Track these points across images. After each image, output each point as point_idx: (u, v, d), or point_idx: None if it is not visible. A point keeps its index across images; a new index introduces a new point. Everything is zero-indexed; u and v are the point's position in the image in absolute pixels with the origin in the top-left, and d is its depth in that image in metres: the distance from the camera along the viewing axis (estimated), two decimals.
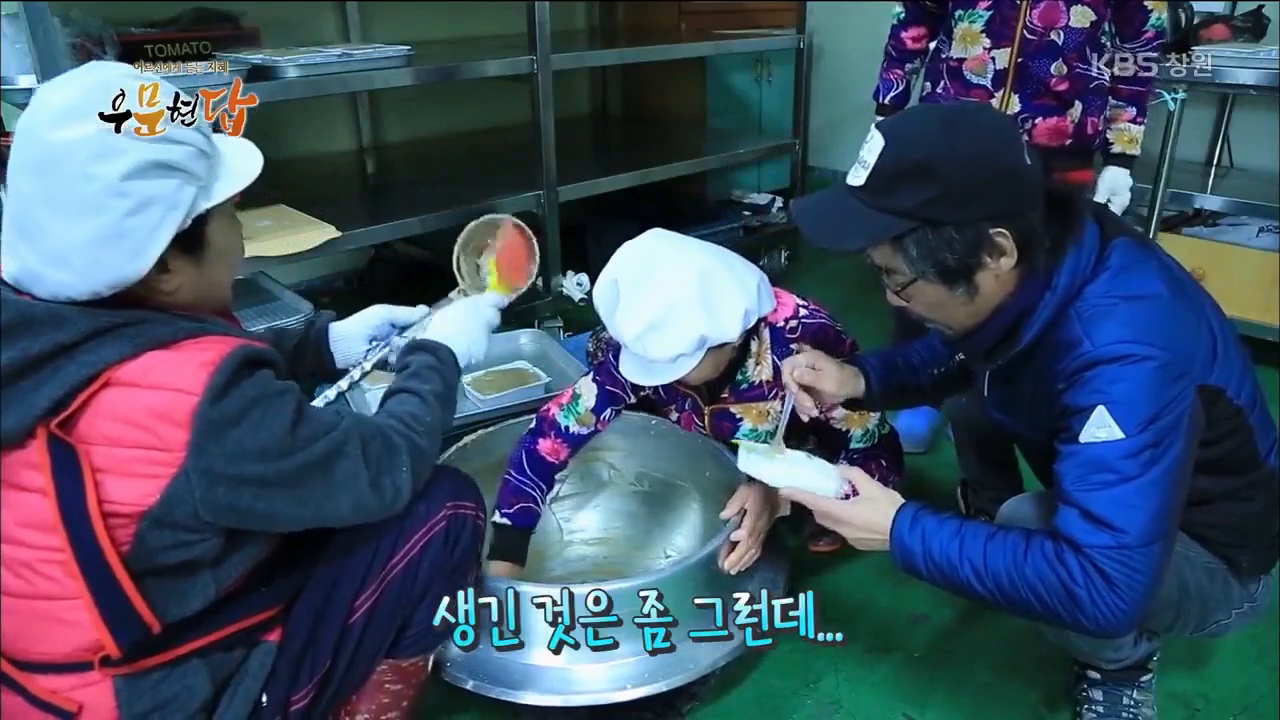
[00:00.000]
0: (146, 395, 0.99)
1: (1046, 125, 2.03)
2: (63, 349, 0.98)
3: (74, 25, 2.26)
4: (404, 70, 2.54)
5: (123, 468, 0.99)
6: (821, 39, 4.07)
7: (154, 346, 1.01)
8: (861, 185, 1.18)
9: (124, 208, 0.98)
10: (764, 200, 3.85)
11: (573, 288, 2.93)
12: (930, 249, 1.17)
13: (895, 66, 2.29)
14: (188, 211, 1.04)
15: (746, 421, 1.78)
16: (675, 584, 1.54)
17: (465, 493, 1.35)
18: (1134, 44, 2.02)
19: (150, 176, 1.00)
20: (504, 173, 3.06)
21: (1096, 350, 1.14)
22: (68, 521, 0.98)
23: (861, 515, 1.30)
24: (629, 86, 4.37)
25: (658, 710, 1.59)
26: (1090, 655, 1.47)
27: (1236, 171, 3.21)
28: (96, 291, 1.01)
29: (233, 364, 1.02)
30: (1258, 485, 1.30)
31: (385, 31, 3.41)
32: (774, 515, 1.66)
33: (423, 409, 1.26)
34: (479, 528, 1.37)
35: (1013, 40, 1.99)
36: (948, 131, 1.15)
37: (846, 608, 1.89)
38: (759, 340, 1.70)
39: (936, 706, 1.65)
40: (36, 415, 0.98)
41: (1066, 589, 1.13)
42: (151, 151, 1.00)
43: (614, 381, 1.77)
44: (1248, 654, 1.73)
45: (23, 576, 1.03)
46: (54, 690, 1.06)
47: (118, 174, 0.97)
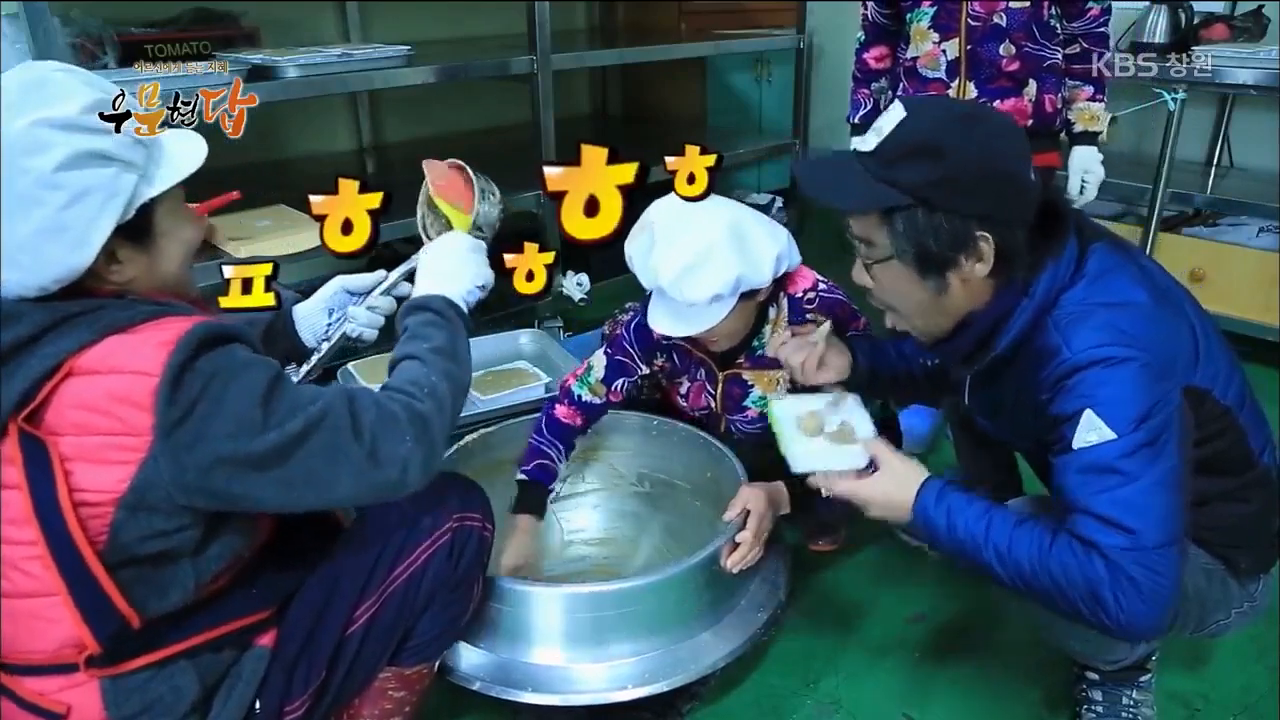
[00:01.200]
0: (107, 380, 0.98)
1: (1005, 107, 2.06)
2: (23, 344, 0.98)
3: (74, 25, 2.26)
4: (404, 70, 2.54)
5: (92, 455, 0.99)
6: (821, 39, 4.06)
7: (112, 331, 1.00)
8: (870, 151, 1.19)
9: (59, 200, 0.98)
10: (764, 200, 3.85)
11: (573, 288, 2.93)
12: (917, 230, 1.17)
13: (862, 87, 2.36)
14: (128, 200, 1.03)
15: (757, 389, 1.82)
16: (677, 584, 1.54)
17: (472, 503, 1.33)
18: (1079, 23, 2.06)
19: (84, 166, 0.99)
20: (504, 173, 3.04)
21: (1075, 356, 1.15)
22: (40, 514, 0.97)
23: (880, 490, 1.29)
24: (629, 86, 4.37)
25: (658, 710, 1.59)
26: (1088, 656, 1.47)
27: (1236, 171, 3.21)
28: (44, 287, 1.01)
29: (191, 341, 1.00)
30: (1253, 485, 1.30)
31: (385, 31, 3.41)
32: (776, 515, 1.67)
33: (422, 371, 1.17)
34: (485, 540, 1.35)
35: (959, 30, 2.04)
36: (967, 124, 1.16)
37: (846, 608, 1.89)
38: (777, 308, 1.74)
39: (936, 706, 1.65)
40: (5, 411, 0.98)
41: (1091, 587, 1.11)
42: (82, 142, 0.99)
43: (624, 353, 1.83)
44: (1247, 654, 1.73)
45: (7, 576, 1.03)
46: (41, 692, 1.05)
47: (50, 166, 0.97)
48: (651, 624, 1.52)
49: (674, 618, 1.54)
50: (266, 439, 1.02)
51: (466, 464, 1.88)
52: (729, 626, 1.59)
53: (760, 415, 1.82)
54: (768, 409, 1.51)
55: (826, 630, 1.83)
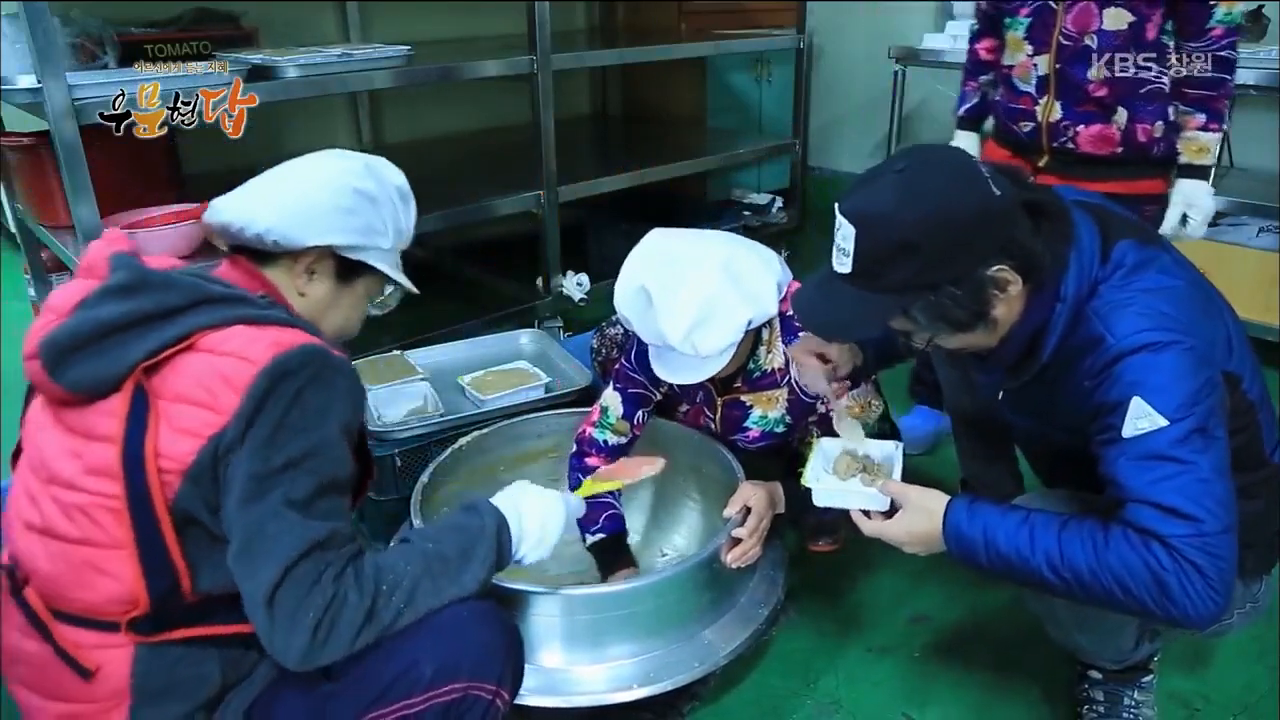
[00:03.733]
0: (219, 361, 1.04)
1: (1090, 133, 1.96)
2: (169, 311, 1.06)
3: (74, 25, 2.26)
4: (404, 70, 2.54)
5: (177, 422, 1.04)
6: (821, 39, 4.07)
7: (244, 321, 1.08)
8: (849, 273, 1.19)
9: (349, 201, 1.21)
10: (764, 200, 3.85)
11: (573, 288, 2.93)
12: (937, 310, 1.18)
13: (970, 79, 2.25)
14: (361, 242, 1.23)
15: (756, 409, 1.79)
16: (676, 584, 1.54)
17: (489, 669, 1.16)
18: (1197, 43, 1.89)
19: (361, 198, 1.23)
20: (504, 173, 3.06)
21: (1120, 343, 1.14)
22: (127, 467, 1.02)
23: (906, 527, 1.29)
24: (629, 86, 4.38)
25: (658, 710, 1.59)
26: (1095, 654, 1.47)
27: (1236, 171, 3.21)
28: (282, 243, 1.18)
29: (303, 353, 1.05)
30: (1262, 483, 1.30)
31: (385, 31, 3.41)
32: (775, 512, 1.67)
33: (406, 569, 1.11)
34: (495, 709, 1.18)
35: (1050, 46, 1.95)
36: (909, 199, 1.14)
37: (846, 608, 1.89)
38: (770, 328, 1.71)
39: (936, 706, 1.65)
40: (131, 364, 1.04)
41: (1156, 578, 1.10)
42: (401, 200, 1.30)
43: (634, 383, 1.79)
44: (1248, 654, 1.73)
45: (75, 521, 1.06)
46: (79, 644, 1.07)
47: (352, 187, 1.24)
48: (651, 624, 1.52)
49: (674, 618, 1.54)
50: (290, 493, 1.03)
51: (462, 466, 1.88)
52: (729, 625, 1.60)
53: (762, 434, 1.81)
54: (812, 441, 1.50)
55: (826, 630, 1.83)
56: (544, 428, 2.02)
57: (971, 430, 1.84)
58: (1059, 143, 2.00)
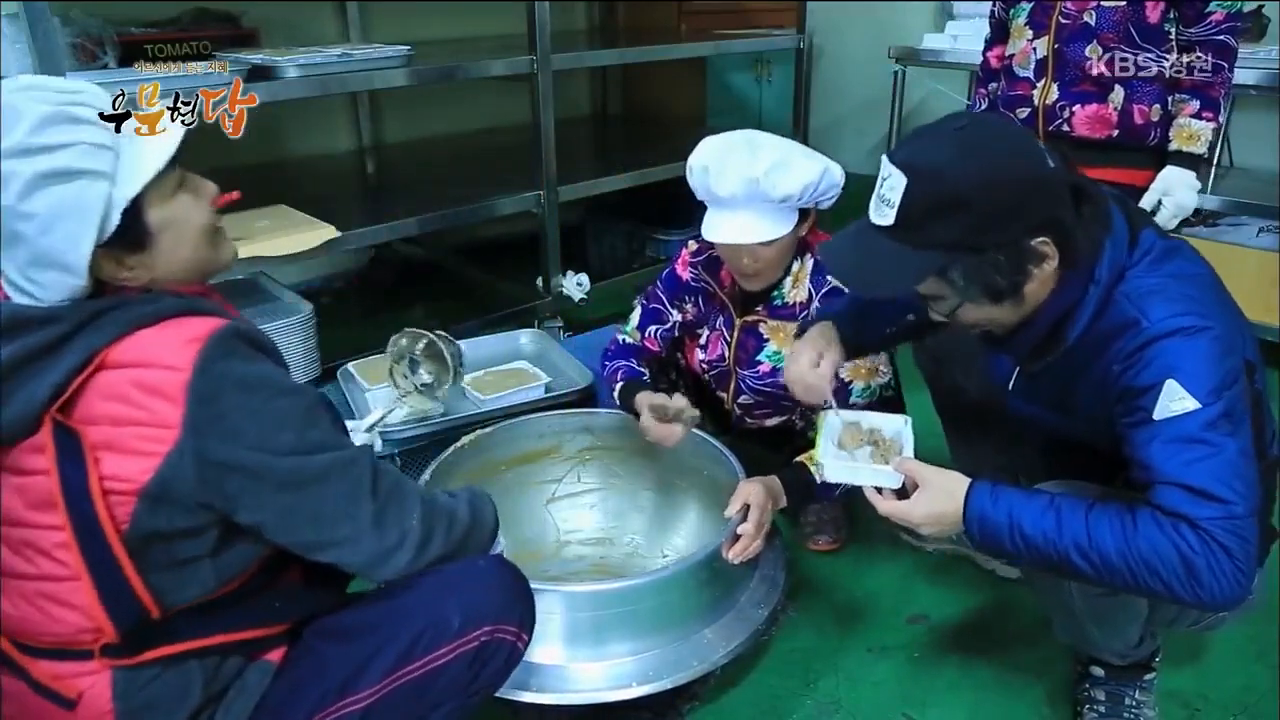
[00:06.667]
0: (136, 373, 0.99)
1: (1086, 113, 1.96)
2: (60, 340, 1.00)
3: (74, 25, 2.26)
4: (404, 70, 2.53)
5: (121, 444, 1.00)
6: (821, 39, 4.07)
7: (140, 326, 1.01)
8: (891, 224, 1.16)
9: (34, 229, 0.96)
10: None
11: (573, 288, 2.93)
12: (977, 274, 1.17)
13: (980, 86, 2.26)
14: (104, 211, 0.99)
15: (772, 343, 1.88)
16: (676, 582, 1.54)
17: (511, 611, 1.21)
18: (1197, 29, 1.90)
19: (45, 188, 0.96)
20: (504, 173, 3.06)
21: (1154, 326, 1.15)
22: (68, 498, 0.99)
23: (924, 507, 1.27)
24: (629, 86, 4.37)
25: (658, 710, 1.59)
26: (1103, 647, 1.46)
27: (1236, 171, 3.21)
28: (61, 302, 1.02)
29: (221, 341, 1.01)
30: (1262, 475, 1.30)
31: (385, 31, 3.41)
32: (775, 509, 1.68)
33: (451, 501, 1.21)
34: (516, 652, 1.23)
35: (1050, 27, 1.97)
36: (967, 155, 1.13)
37: (846, 608, 1.89)
38: (801, 263, 1.83)
39: (936, 706, 1.65)
40: (41, 402, 0.99)
41: (1185, 560, 1.10)
42: (35, 164, 0.95)
43: (657, 300, 2.01)
44: (1247, 653, 1.73)
45: (26, 557, 1.04)
46: (56, 676, 1.06)
47: (11, 198, 0.95)
48: (651, 623, 1.52)
49: (674, 616, 1.54)
50: (290, 462, 1.03)
51: (462, 466, 1.88)
52: (729, 624, 1.60)
53: (771, 370, 1.87)
54: (819, 419, 1.50)
55: (826, 630, 1.83)
56: (544, 428, 2.02)
57: (962, 424, 1.84)
58: (1054, 126, 2.01)
